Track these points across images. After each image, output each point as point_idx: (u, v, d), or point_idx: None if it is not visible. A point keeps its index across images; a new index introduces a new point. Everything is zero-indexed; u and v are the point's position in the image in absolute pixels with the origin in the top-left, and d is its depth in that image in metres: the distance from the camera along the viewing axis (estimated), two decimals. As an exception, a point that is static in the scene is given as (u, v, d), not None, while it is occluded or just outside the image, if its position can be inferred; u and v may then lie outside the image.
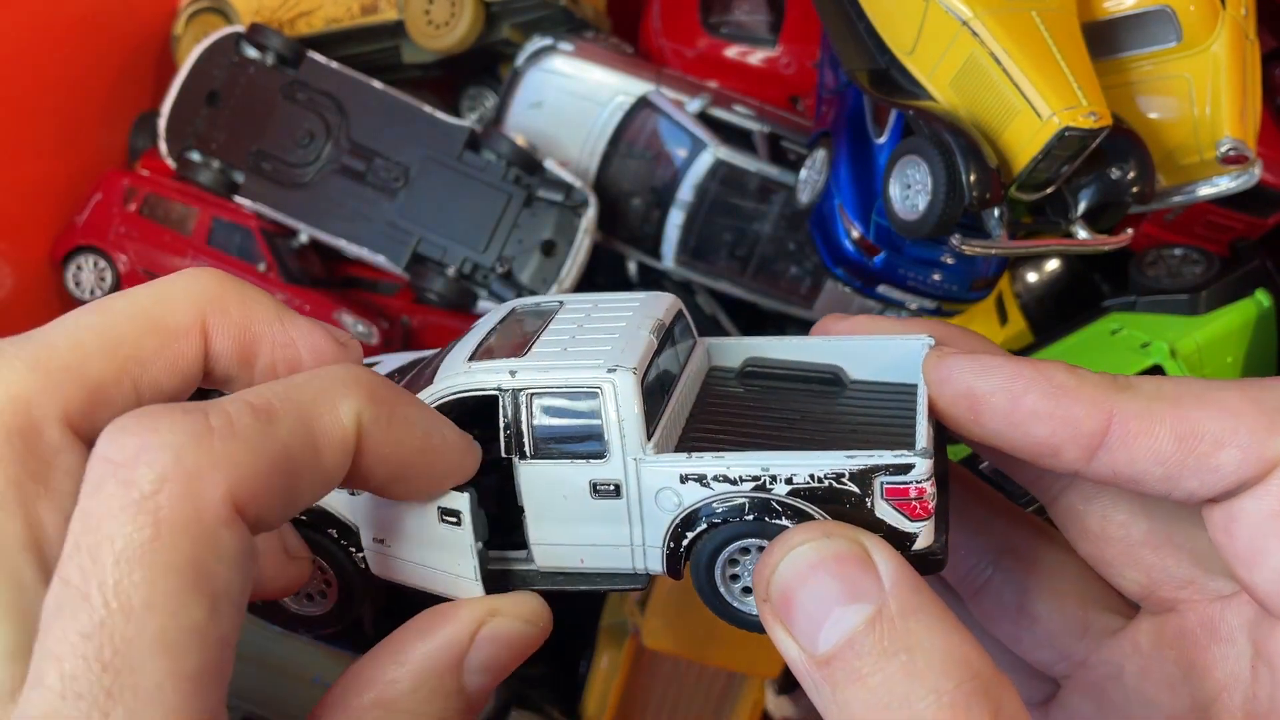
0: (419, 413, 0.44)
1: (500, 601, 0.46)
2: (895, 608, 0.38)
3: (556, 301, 0.56)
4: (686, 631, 0.98)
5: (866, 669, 0.37)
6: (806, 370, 0.55)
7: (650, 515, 0.47)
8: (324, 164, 1.01)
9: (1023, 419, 0.44)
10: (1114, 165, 0.73)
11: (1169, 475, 0.42)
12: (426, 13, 1.03)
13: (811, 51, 1.06)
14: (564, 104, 1.04)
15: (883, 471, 0.44)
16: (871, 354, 0.54)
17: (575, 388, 0.47)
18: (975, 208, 0.70)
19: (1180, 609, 0.47)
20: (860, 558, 0.40)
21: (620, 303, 0.54)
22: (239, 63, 1.02)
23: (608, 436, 0.47)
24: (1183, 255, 0.98)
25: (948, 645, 0.37)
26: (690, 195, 0.99)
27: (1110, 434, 0.42)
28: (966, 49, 0.71)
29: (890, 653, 0.37)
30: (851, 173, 0.85)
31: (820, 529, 0.42)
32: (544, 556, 0.50)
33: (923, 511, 0.44)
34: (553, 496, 0.48)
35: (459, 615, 0.44)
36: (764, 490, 0.45)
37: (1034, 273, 1.06)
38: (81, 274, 1.01)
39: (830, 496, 0.44)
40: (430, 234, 0.99)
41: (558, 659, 1.11)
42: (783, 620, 0.40)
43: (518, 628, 0.45)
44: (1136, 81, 0.77)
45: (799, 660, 0.39)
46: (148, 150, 1.06)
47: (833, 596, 0.39)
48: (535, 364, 0.48)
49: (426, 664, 0.42)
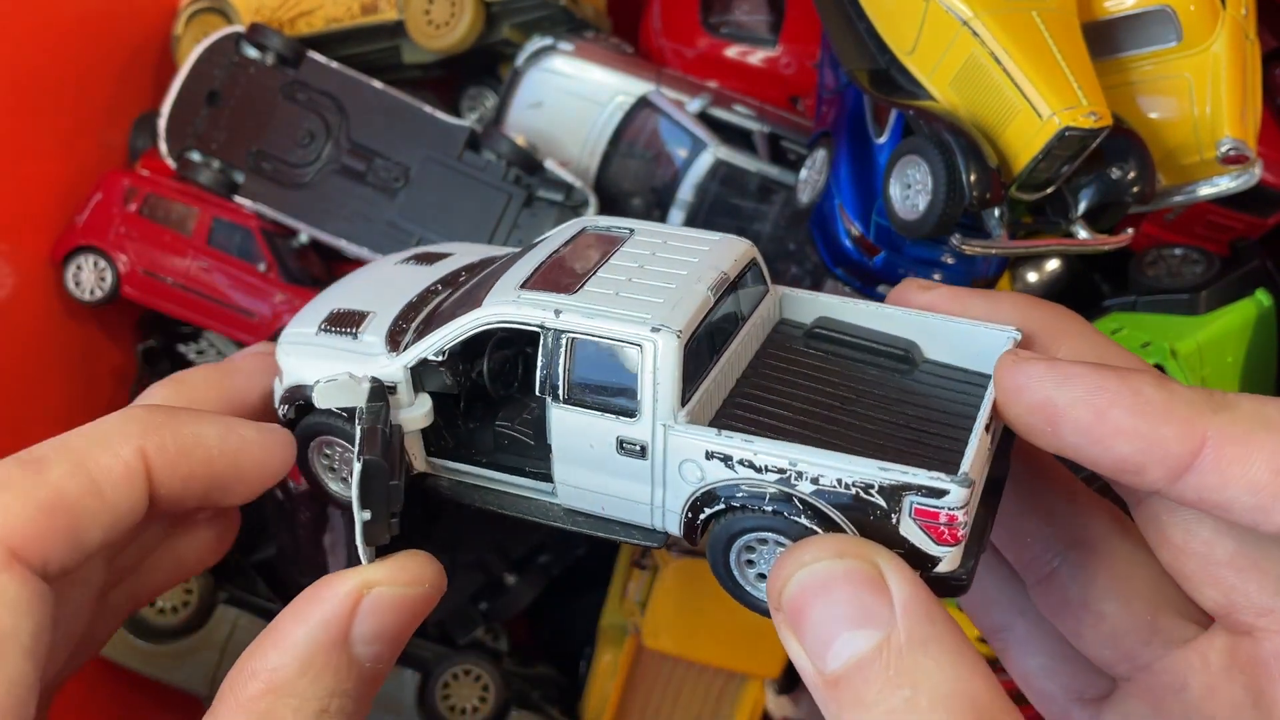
0: (209, 428, 0.47)
1: (376, 572, 0.46)
2: (904, 637, 0.37)
3: (627, 229, 0.55)
4: (686, 631, 0.98)
5: (871, 697, 0.36)
6: (878, 342, 0.52)
7: (673, 482, 0.46)
8: (324, 164, 1.01)
9: (1106, 435, 0.41)
10: (1114, 165, 0.73)
11: (1261, 506, 0.40)
12: (426, 13, 1.03)
13: (811, 51, 1.06)
14: (564, 104, 1.04)
15: (915, 491, 0.42)
16: (951, 336, 0.51)
17: (617, 340, 0.46)
18: (975, 207, 0.70)
19: (1257, 635, 0.44)
20: (873, 580, 0.39)
21: (690, 243, 0.53)
22: (239, 63, 1.02)
23: (641, 396, 0.45)
24: (1183, 255, 0.98)
25: (955, 680, 0.36)
26: (690, 195, 0.99)
27: (1202, 459, 0.40)
28: (967, 49, 0.71)
29: (895, 685, 0.36)
30: (852, 172, 0.85)
31: (834, 546, 0.40)
32: (567, 495, 0.49)
33: (950, 538, 0.42)
34: (580, 443, 0.47)
35: (334, 592, 0.44)
36: (788, 485, 0.43)
37: (1034, 272, 1.06)
38: (81, 274, 1.01)
39: (855, 505, 0.43)
40: (430, 234, 0.99)
41: (558, 659, 1.11)
42: (793, 631, 0.40)
43: (399, 593, 0.45)
44: (1137, 81, 0.77)
45: (808, 672, 0.39)
46: (148, 150, 1.06)
47: (842, 619, 0.38)
48: (582, 306, 0.47)
49: (309, 645, 0.43)
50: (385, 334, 0.53)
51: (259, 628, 0.98)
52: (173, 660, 0.97)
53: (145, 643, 0.97)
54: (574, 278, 0.49)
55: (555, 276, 0.50)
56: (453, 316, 0.50)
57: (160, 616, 0.98)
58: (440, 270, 0.59)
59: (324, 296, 0.60)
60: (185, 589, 0.98)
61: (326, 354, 0.53)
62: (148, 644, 0.97)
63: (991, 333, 0.50)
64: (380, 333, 0.53)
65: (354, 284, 0.61)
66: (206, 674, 0.98)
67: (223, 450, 0.47)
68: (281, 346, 0.55)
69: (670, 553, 0.96)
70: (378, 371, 0.50)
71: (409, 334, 0.52)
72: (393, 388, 0.50)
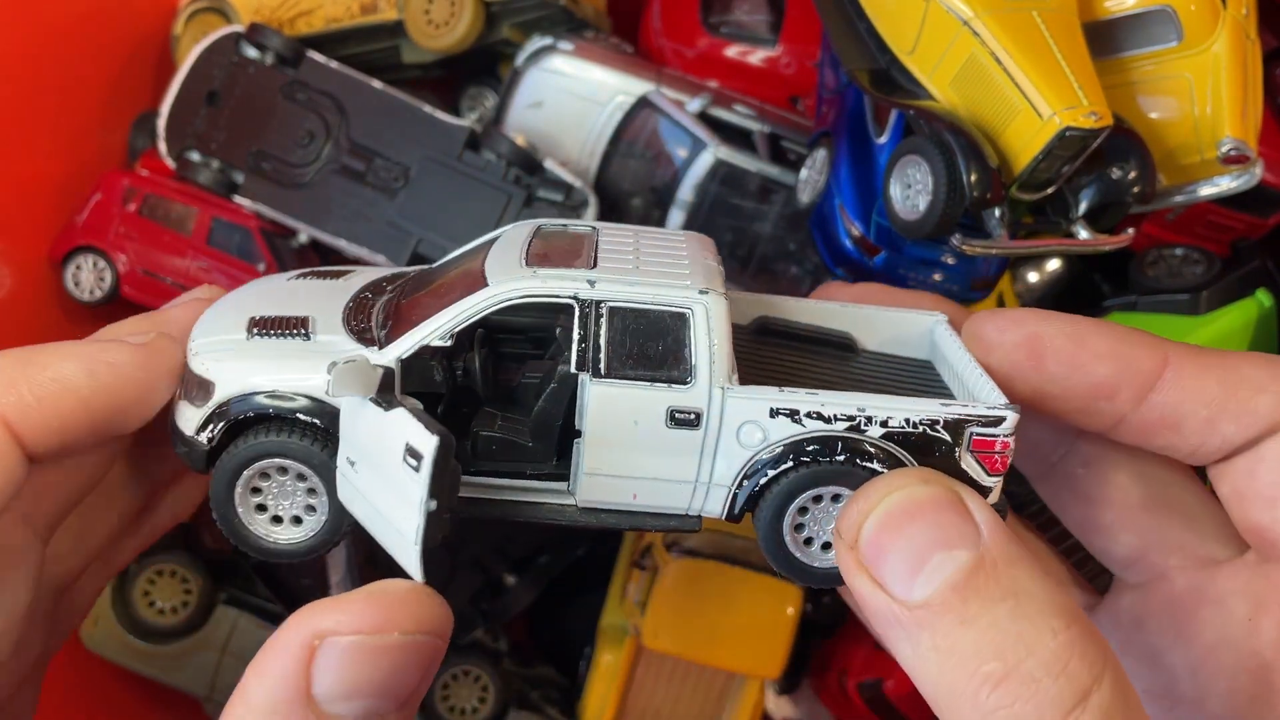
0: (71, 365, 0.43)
1: (327, 617, 0.39)
2: (998, 555, 0.38)
3: (589, 226, 0.53)
4: (686, 631, 0.98)
5: (973, 612, 0.37)
6: (820, 333, 0.54)
7: (727, 450, 0.45)
8: (324, 164, 1.00)
9: (1086, 360, 0.45)
10: (1115, 165, 0.73)
11: (1211, 418, 0.44)
12: (426, 12, 1.03)
13: (812, 51, 1.06)
14: (564, 104, 1.04)
15: (975, 423, 0.44)
16: (882, 325, 0.53)
17: (664, 305, 0.44)
18: (976, 207, 0.70)
19: (1170, 574, 0.48)
20: (957, 505, 0.40)
21: (665, 236, 0.52)
22: (239, 62, 1.02)
23: (695, 361, 0.44)
24: (1183, 255, 0.98)
25: (1048, 591, 0.38)
26: (690, 195, 0.99)
27: (1165, 374, 0.44)
28: (967, 49, 0.71)
29: (998, 597, 0.37)
30: (852, 172, 0.85)
31: (917, 475, 0.42)
32: (591, 490, 0.46)
33: (1002, 466, 0.44)
34: (622, 422, 0.45)
35: (284, 641, 0.39)
36: (858, 431, 0.44)
37: (1035, 272, 1.06)
38: (81, 274, 1.01)
39: (923, 444, 0.44)
40: (430, 234, 0.99)
41: (558, 659, 1.11)
42: (870, 566, 0.40)
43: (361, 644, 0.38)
44: (1137, 81, 0.77)
45: (886, 609, 0.39)
46: (147, 150, 1.06)
47: (932, 542, 0.39)
48: (616, 276, 0.45)
49: (267, 704, 0.38)
50: (346, 332, 0.48)
51: (258, 628, 0.98)
52: (172, 660, 0.97)
53: (145, 643, 0.97)
54: (578, 258, 0.47)
55: (556, 257, 0.47)
56: (440, 306, 0.46)
57: (160, 617, 0.98)
58: (355, 281, 0.54)
59: (220, 310, 0.52)
60: (185, 589, 0.98)
61: (277, 354, 0.46)
62: (148, 644, 0.97)
63: (920, 318, 0.53)
64: (338, 332, 0.48)
65: (249, 296, 0.53)
66: (206, 674, 0.98)
67: (94, 387, 0.43)
68: (204, 355, 0.47)
69: (670, 553, 0.96)
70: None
71: (374, 330, 0.48)
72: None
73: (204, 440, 0.46)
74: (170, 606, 0.97)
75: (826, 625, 1.12)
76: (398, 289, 0.52)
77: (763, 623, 0.95)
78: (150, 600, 0.98)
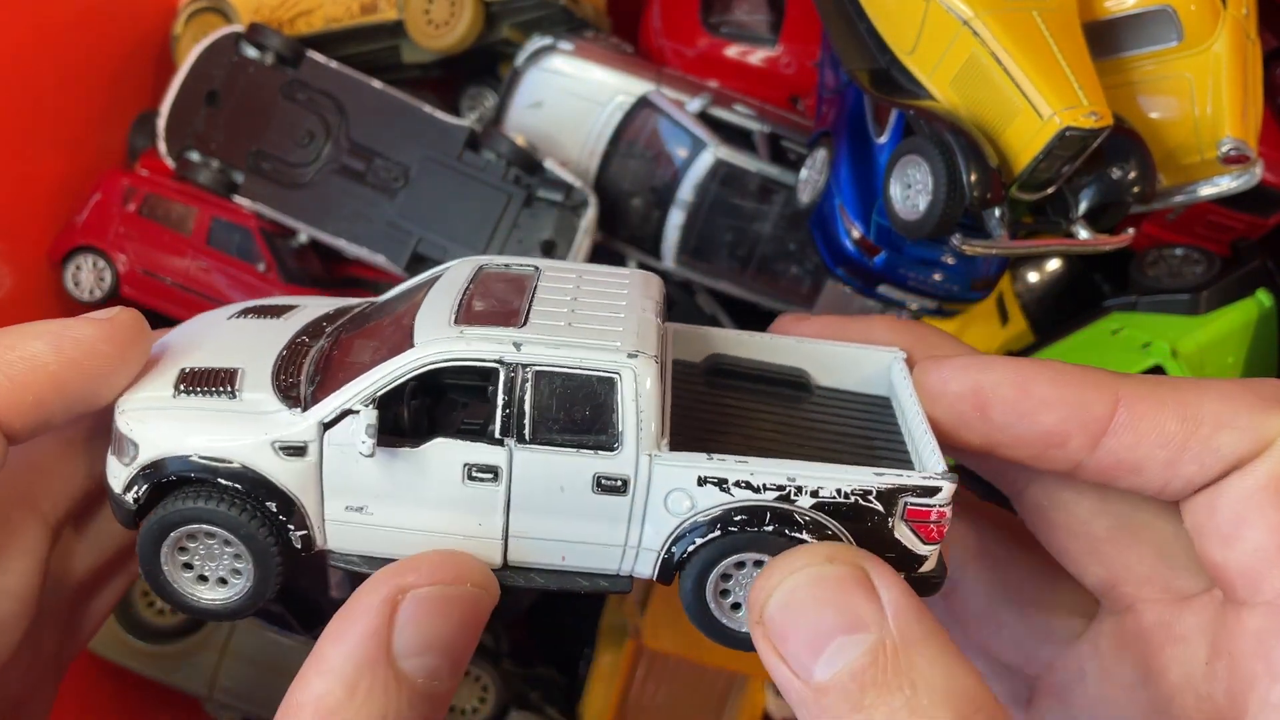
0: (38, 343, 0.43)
1: (407, 574, 0.41)
2: (899, 638, 0.37)
3: (532, 266, 0.51)
4: (686, 631, 0.98)
5: (868, 701, 0.36)
6: (772, 371, 0.53)
7: (655, 516, 0.45)
8: (324, 164, 1.00)
9: (1032, 408, 0.43)
10: (1115, 165, 0.73)
11: (1171, 459, 0.42)
12: (426, 12, 1.03)
13: (812, 51, 1.06)
14: (564, 104, 1.04)
15: (910, 492, 0.43)
16: (838, 361, 0.52)
17: (590, 370, 0.43)
18: (976, 207, 0.70)
19: (1139, 608, 0.47)
20: (864, 584, 0.39)
21: (609, 277, 0.51)
22: (239, 62, 1.01)
23: (621, 428, 0.43)
24: (1184, 255, 0.98)
25: (950, 678, 0.36)
26: (690, 195, 0.99)
27: (1117, 417, 0.42)
28: (967, 49, 0.71)
29: (894, 686, 0.36)
30: (852, 172, 0.85)
31: (824, 552, 0.41)
32: (519, 551, 0.46)
33: (938, 535, 0.43)
34: (548, 487, 0.44)
35: (366, 603, 0.41)
36: (787, 501, 0.43)
37: (1035, 273, 1.06)
38: (81, 274, 1.01)
39: (854, 514, 0.43)
40: (430, 234, 0.99)
41: (558, 659, 1.11)
42: (776, 645, 0.39)
43: (441, 594, 0.41)
44: (1137, 81, 0.77)
45: (792, 686, 0.38)
46: (147, 150, 1.06)
47: (834, 625, 0.38)
48: (543, 338, 0.44)
49: (351, 666, 0.40)
50: (273, 389, 0.46)
51: (258, 628, 0.98)
52: (173, 661, 0.97)
53: (145, 643, 0.97)
54: (509, 312, 0.46)
55: (486, 312, 0.46)
56: (367, 364, 0.45)
57: (160, 617, 0.98)
58: (295, 321, 0.52)
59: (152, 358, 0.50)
60: (185, 589, 0.98)
61: (200, 416, 0.45)
62: (148, 645, 0.97)
63: (877, 354, 0.51)
64: (264, 389, 0.47)
65: (188, 341, 0.52)
66: (206, 674, 0.98)
67: (62, 363, 0.43)
68: (129, 414, 0.46)
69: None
70: (284, 431, 0.44)
71: (301, 387, 0.47)
72: (302, 448, 0.44)
73: (130, 500, 0.46)
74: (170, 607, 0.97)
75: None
76: (335, 332, 0.51)
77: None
78: (150, 600, 0.98)
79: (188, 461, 0.45)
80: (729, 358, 0.53)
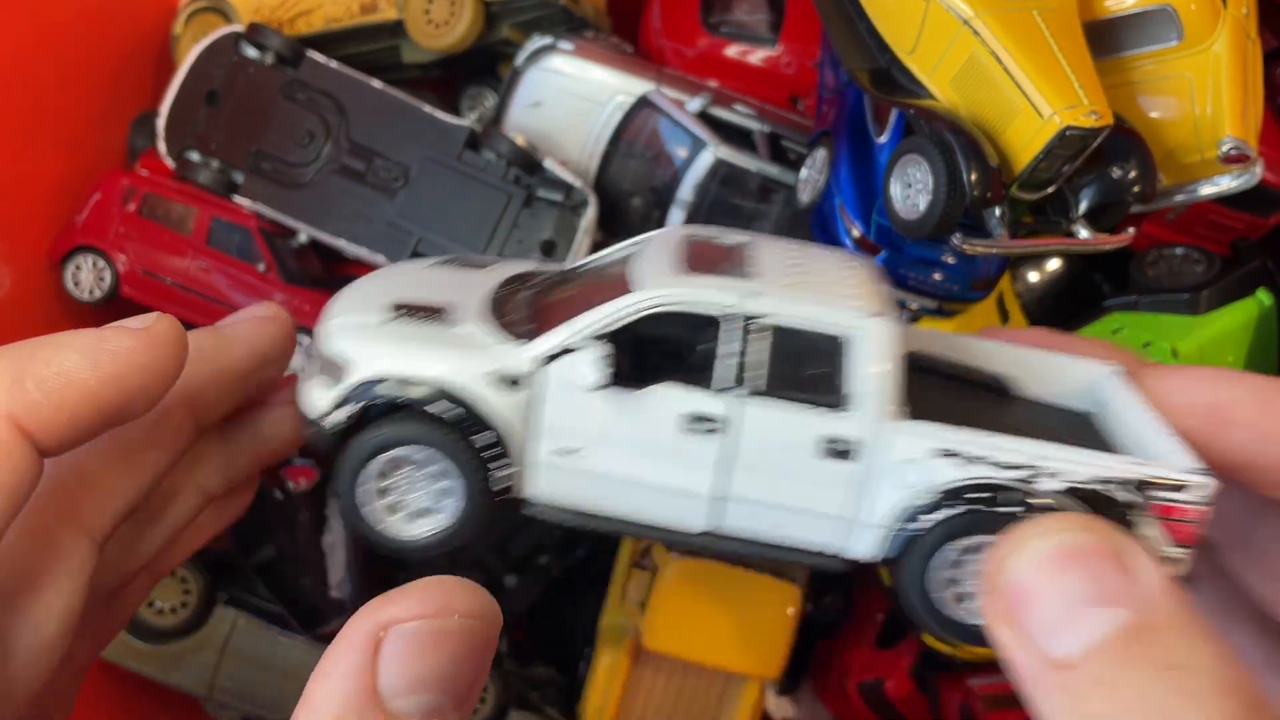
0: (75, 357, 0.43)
1: (388, 608, 0.38)
2: (1161, 618, 0.34)
3: (745, 237, 0.50)
4: (686, 631, 0.97)
5: (1121, 679, 0.33)
6: (969, 373, 0.50)
7: (885, 488, 0.42)
8: (324, 164, 1.00)
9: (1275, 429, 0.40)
10: (1115, 164, 0.73)
11: None
12: (426, 12, 1.03)
13: (812, 51, 1.06)
14: (564, 104, 1.04)
15: (1165, 487, 0.40)
16: (1043, 370, 0.49)
17: (830, 326, 0.41)
18: (976, 207, 0.70)
19: None
20: (1117, 557, 0.35)
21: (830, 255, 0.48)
22: (238, 62, 1.01)
23: (858, 389, 0.41)
24: (1184, 255, 0.98)
25: (1217, 664, 0.33)
26: (690, 195, 0.99)
27: None
28: (967, 48, 0.71)
29: (1156, 667, 0.33)
30: (852, 172, 0.85)
31: (1080, 520, 0.37)
32: (725, 515, 0.43)
33: (1191, 538, 0.40)
34: (770, 444, 0.42)
35: (348, 640, 0.38)
36: (1031, 482, 0.40)
37: (1035, 272, 1.06)
38: (80, 274, 1.01)
39: (1099, 502, 0.40)
40: (430, 234, 0.99)
41: (558, 659, 1.11)
42: (1010, 616, 0.36)
43: (426, 628, 0.38)
44: (1138, 81, 0.77)
45: (1026, 663, 0.35)
46: (147, 150, 1.06)
47: (1087, 596, 0.34)
48: (780, 290, 0.42)
49: (337, 705, 0.37)
50: (491, 323, 0.46)
51: (258, 628, 0.98)
52: (172, 661, 0.97)
53: (144, 643, 0.97)
54: (734, 268, 0.44)
55: (712, 265, 0.44)
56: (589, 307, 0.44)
57: (159, 617, 0.97)
58: (499, 273, 0.53)
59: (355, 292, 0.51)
60: (184, 589, 0.98)
61: (416, 340, 0.45)
62: (147, 644, 0.97)
63: (1089, 367, 0.47)
64: (482, 322, 0.46)
65: (386, 280, 0.52)
66: (205, 674, 0.98)
67: (100, 377, 0.42)
68: (340, 332, 0.46)
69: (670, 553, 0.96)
70: (504, 362, 0.43)
71: (519, 325, 0.46)
72: (521, 381, 0.43)
73: (342, 418, 0.45)
74: (170, 606, 0.97)
75: (827, 625, 1.12)
76: (543, 284, 0.50)
77: (763, 623, 0.95)
78: (149, 600, 0.97)
79: (403, 383, 0.44)
80: (928, 355, 0.51)
